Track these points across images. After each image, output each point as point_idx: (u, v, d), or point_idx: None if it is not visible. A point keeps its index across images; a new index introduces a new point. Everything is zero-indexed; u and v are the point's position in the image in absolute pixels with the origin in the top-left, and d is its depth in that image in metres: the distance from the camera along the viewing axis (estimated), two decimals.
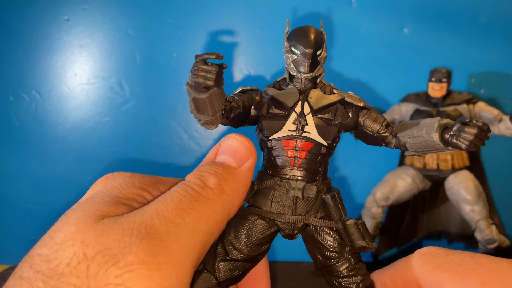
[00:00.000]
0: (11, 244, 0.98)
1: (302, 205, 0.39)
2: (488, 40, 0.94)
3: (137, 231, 0.27)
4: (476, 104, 0.85)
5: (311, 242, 0.40)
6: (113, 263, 0.25)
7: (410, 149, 0.40)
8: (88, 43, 0.95)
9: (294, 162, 0.39)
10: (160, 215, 0.29)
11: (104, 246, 0.26)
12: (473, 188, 0.83)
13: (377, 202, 0.88)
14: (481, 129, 0.35)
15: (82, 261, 0.25)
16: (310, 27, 0.41)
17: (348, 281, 0.38)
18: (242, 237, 0.38)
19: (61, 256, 0.25)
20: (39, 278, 0.24)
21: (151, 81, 0.96)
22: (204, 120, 0.36)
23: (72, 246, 0.26)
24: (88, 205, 0.29)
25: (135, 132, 0.97)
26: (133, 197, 0.32)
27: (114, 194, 0.31)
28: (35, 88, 0.96)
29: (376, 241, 0.95)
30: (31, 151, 0.97)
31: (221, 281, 0.37)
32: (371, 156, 0.98)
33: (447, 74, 0.85)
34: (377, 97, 0.96)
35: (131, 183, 0.33)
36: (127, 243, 0.26)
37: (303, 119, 0.40)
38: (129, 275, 0.25)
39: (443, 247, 0.33)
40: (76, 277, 0.24)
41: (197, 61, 0.33)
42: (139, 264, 0.25)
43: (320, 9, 0.94)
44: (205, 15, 0.94)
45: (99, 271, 0.25)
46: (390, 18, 0.94)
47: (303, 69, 0.40)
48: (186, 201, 0.30)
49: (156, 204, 0.30)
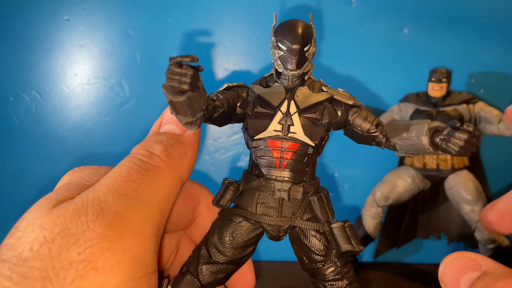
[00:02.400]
0: None
1: (288, 206, 0.38)
2: (488, 40, 0.94)
3: (92, 209, 0.27)
4: (476, 104, 0.85)
5: (298, 244, 0.39)
6: (73, 242, 0.26)
7: (400, 151, 0.38)
8: (88, 43, 0.95)
9: (280, 163, 0.38)
10: (112, 189, 0.29)
11: (61, 227, 0.26)
12: (473, 188, 0.83)
13: (377, 202, 0.88)
14: (472, 134, 0.33)
15: (43, 244, 0.25)
16: (297, 21, 0.39)
17: (334, 284, 0.37)
18: (226, 239, 0.37)
19: (24, 243, 0.26)
20: (6, 266, 0.25)
21: (151, 81, 0.96)
22: (184, 121, 0.34)
23: (32, 232, 0.26)
24: (51, 193, 0.30)
25: (135, 132, 0.97)
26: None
27: (80, 182, 0.32)
28: (36, 88, 0.96)
29: (376, 241, 0.95)
30: (31, 151, 0.97)
31: (204, 284, 0.36)
32: (371, 156, 0.98)
33: (447, 74, 0.85)
34: (377, 97, 0.96)
35: (97, 173, 0.33)
36: (83, 221, 0.27)
37: (289, 118, 0.38)
38: (91, 250, 0.25)
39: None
40: (39, 260, 0.25)
41: (171, 64, 0.30)
42: (99, 239, 0.26)
43: (320, 9, 0.94)
44: (205, 15, 0.94)
45: (61, 251, 0.25)
46: (390, 18, 0.94)
47: (290, 66, 0.38)
48: (135, 172, 0.31)
49: (106, 180, 0.30)
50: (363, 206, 0.91)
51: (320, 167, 0.99)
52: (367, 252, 0.98)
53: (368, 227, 0.89)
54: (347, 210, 1.00)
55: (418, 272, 0.93)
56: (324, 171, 0.99)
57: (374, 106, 0.96)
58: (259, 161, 0.39)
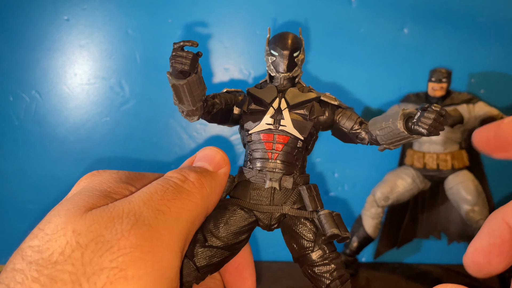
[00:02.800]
0: (11, 244, 0.98)
1: (279, 196, 0.41)
2: (488, 40, 0.94)
3: (127, 219, 0.28)
4: (476, 104, 0.85)
5: (288, 233, 0.42)
6: (107, 249, 0.26)
7: (381, 142, 0.41)
8: (88, 43, 0.95)
9: (272, 155, 0.41)
10: (147, 204, 0.30)
11: (96, 234, 0.26)
12: (473, 188, 0.83)
13: (377, 202, 0.88)
14: (439, 113, 0.36)
15: (75, 249, 0.26)
16: (288, 33, 0.44)
17: (321, 269, 0.39)
18: (221, 225, 0.40)
19: (54, 246, 0.26)
20: (33, 268, 0.25)
21: (151, 81, 0.96)
22: (185, 110, 0.38)
23: (64, 236, 0.26)
24: (78, 198, 0.30)
25: (135, 132, 0.97)
26: (121, 191, 0.33)
27: (102, 188, 0.32)
28: (35, 88, 0.96)
29: (376, 241, 0.95)
30: (31, 151, 0.97)
31: (199, 267, 0.38)
32: (371, 156, 0.98)
33: (447, 74, 0.85)
34: (377, 97, 0.96)
35: (118, 178, 0.34)
36: (118, 229, 0.27)
37: (280, 113, 0.42)
38: (123, 258, 0.26)
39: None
40: (71, 264, 0.25)
41: (175, 47, 0.35)
42: (132, 248, 0.26)
43: (320, 9, 0.94)
44: (205, 15, 0.94)
45: (94, 257, 0.25)
46: (390, 18, 0.94)
47: (281, 69, 0.43)
48: (169, 192, 0.32)
49: (142, 194, 0.31)
50: (363, 206, 0.91)
51: (320, 167, 1.00)
52: (367, 252, 0.98)
53: (368, 227, 0.89)
54: (347, 210, 1.00)
55: (418, 272, 0.93)
56: (324, 171, 0.99)
57: (374, 106, 0.96)
58: (253, 154, 0.43)
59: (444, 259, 0.97)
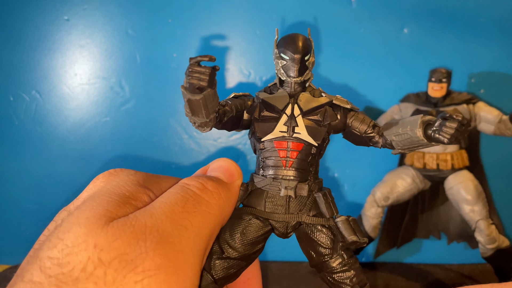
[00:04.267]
0: (12, 244, 0.98)
1: (295, 204, 0.40)
2: (487, 40, 0.94)
3: (150, 236, 0.27)
4: (476, 104, 0.85)
5: (305, 240, 0.41)
6: (131, 269, 0.25)
7: (397, 147, 0.41)
8: (88, 43, 0.95)
9: (286, 162, 0.41)
10: (170, 218, 0.29)
11: (119, 251, 0.25)
12: (473, 188, 0.83)
13: (377, 202, 0.88)
14: (461, 123, 0.36)
15: (98, 266, 0.24)
16: (298, 35, 0.43)
17: (341, 276, 0.39)
18: (237, 236, 0.39)
19: (75, 261, 0.24)
20: (53, 283, 0.23)
21: (151, 81, 0.96)
22: (198, 122, 0.37)
23: (85, 250, 0.25)
24: (96, 203, 0.28)
25: (135, 132, 0.97)
26: (140, 196, 0.31)
27: (121, 192, 0.30)
28: (35, 88, 0.96)
29: (376, 241, 0.95)
30: (31, 151, 0.97)
31: (217, 279, 0.38)
32: (371, 156, 0.98)
33: (447, 74, 0.85)
34: (377, 97, 0.96)
35: (136, 181, 0.33)
36: (143, 248, 0.26)
37: (294, 120, 0.41)
38: (148, 281, 0.25)
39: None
40: (93, 283, 0.24)
41: (191, 63, 0.34)
42: (157, 270, 0.25)
43: (320, 9, 0.94)
44: (205, 15, 0.94)
45: (117, 277, 0.24)
46: (390, 18, 0.94)
47: (292, 73, 0.42)
48: (190, 204, 0.31)
49: (162, 206, 0.30)
50: (363, 206, 0.91)
51: (320, 167, 0.99)
52: (367, 252, 0.98)
53: (368, 227, 0.89)
54: (347, 210, 1.00)
55: (418, 272, 0.93)
56: (324, 171, 0.99)
57: (374, 106, 0.96)
58: (266, 162, 0.41)
59: (444, 259, 0.97)
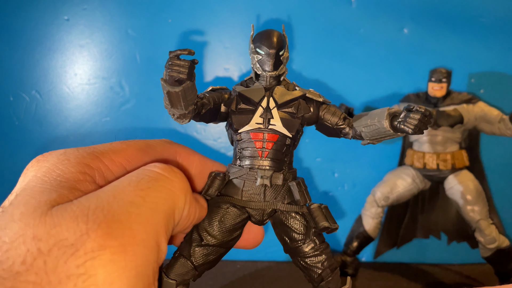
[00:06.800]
0: None
1: (271, 192, 0.43)
2: (488, 40, 0.94)
3: (93, 216, 0.25)
4: (476, 104, 0.85)
5: (280, 227, 0.44)
6: (72, 253, 0.24)
7: (365, 138, 0.43)
8: (88, 43, 0.95)
9: (262, 153, 0.43)
10: (118, 198, 0.27)
11: (58, 237, 0.24)
12: (473, 188, 0.83)
13: (377, 202, 0.88)
14: (424, 114, 0.39)
15: (37, 257, 0.24)
16: (273, 30, 0.45)
17: (313, 260, 0.41)
18: (215, 224, 0.41)
19: (14, 255, 0.24)
20: None
21: (151, 81, 0.96)
22: (177, 114, 0.38)
23: (24, 243, 0.24)
24: (29, 197, 0.27)
25: (135, 132, 0.97)
26: (74, 176, 0.30)
27: (52, 178, 0.29)
28: (35, 88, 0.96)
29: (376, 241, 0.95)
30: (31, 151, 0.97)
31: (197, 265, 0.40)
32: (371, 156, 0.98)
33: (447, 74, 0.85)
34: (377, 97, 0.96)
35: (66, 160, 0.31)
36: (83, 230, 0.25)
37: (269, 113, 0.43)
38: (91, 263, 0.24)
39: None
40: (34, 274, 0.23)
41: (171, 56, 0.36)
42: (100, 250, 0.24)
43: (320, 8, 0.94)
44: (205, 15, 0.94)
45: (58, 264, 0.23)
46: (390, 18, 0.94)
47: (267, 67, 0.44)
48: (144, 182, 0.30)
49: (112, 188, 0.29)
50: (363, 206, 0.91)
51: (320, 167, 0.99)
52: (367, 252, 0.98)
53: (368, 227, 0.89)
54: (347, 210, 1.00)
55: (418, 272, 0.93)
56: (324, 171, 0.99)
57: (374, 106, 0.96)
58: (243, 152, 0.44)
59: (444, 259, 0.97)
